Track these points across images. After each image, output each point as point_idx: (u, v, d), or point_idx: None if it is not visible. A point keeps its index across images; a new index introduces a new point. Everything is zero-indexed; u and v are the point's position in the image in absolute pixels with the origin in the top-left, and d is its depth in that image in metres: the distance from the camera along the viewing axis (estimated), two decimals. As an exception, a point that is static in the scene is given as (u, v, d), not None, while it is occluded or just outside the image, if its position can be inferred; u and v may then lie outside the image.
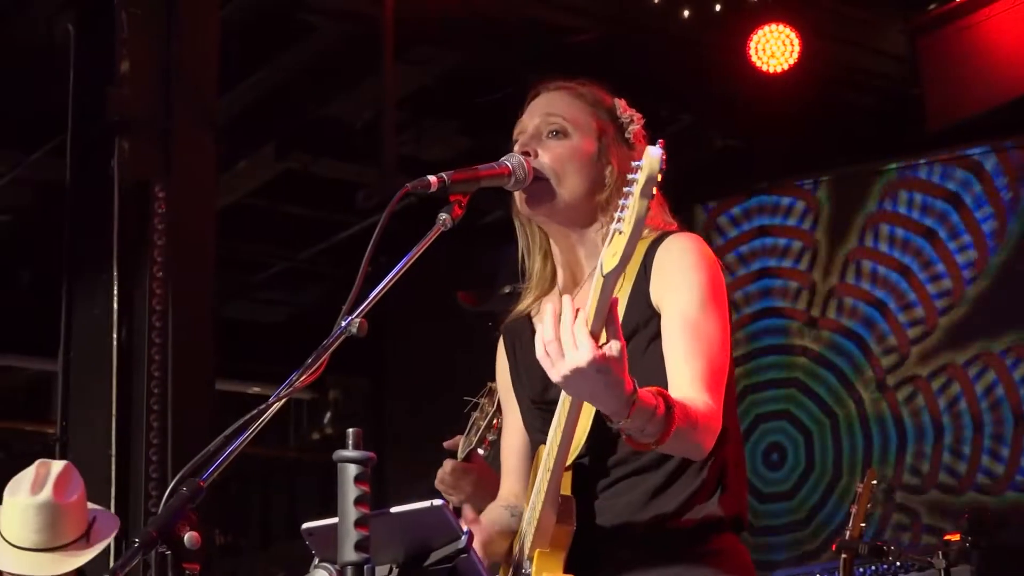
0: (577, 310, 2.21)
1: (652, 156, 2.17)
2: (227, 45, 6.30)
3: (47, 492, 3.94)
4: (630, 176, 2.19)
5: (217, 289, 5.93)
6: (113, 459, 5.22)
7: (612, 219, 2.53)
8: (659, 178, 2.17)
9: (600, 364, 2.17)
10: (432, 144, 7.99)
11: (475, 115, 7.68)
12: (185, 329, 5.36)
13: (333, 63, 7.30)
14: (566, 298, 2.24)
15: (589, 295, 2.25)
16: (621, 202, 2.20)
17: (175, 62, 5.56)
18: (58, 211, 5.77)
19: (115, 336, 5.30)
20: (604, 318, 2.23)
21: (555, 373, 2.21)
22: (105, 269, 5.35)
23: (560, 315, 2.21)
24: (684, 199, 7.40)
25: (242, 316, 10.28)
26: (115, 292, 5.32)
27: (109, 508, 5.20)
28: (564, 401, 2.43)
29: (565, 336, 2.19)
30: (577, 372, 2.18)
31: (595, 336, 2.23)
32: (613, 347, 2.19)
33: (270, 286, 10.19)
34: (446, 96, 7.67)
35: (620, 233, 2.19)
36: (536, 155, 2.66)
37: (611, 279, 2.22)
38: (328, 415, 11.07)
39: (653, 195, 2.17)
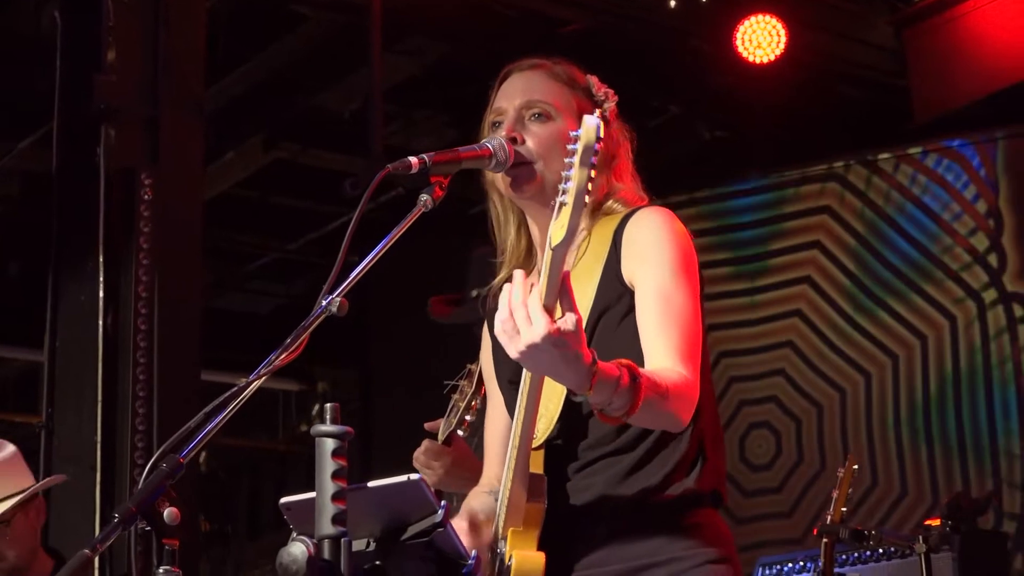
0: (532, 285, 2.23)
1: (588, 125, 2.19)
2: (215, 35, 6.31)
3: None
4: (569, 147, 2.21)
5: (206, 280, 5.94)
6: (99, 446, 5.23)
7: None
8: (597, 147, 2.19)
9: (555, 338, 2.18)
10: (421, 134, 8.01)
11: (463, 105, 7.69)
12: (171, 317, 5.37)
13: (322, 53, 7.31)
14: (518, 273, 2.25)
15: (541, 270, 2.27)
16: (564, 173, 2.22)
17: (162, 50, 5.56)
18: (45, 202, 5.77)
19: (101, 323, 5.30)
20: (557, 291, 2.24)
21: (512, 350, 2.23)
22: (91, 256, 5.35)
23: (513, 290, 2.22)
24: (672, 190, 7.41)
25: (231, 307, 10.29)
26: (101, 279, 5.33)
27: (95, 495, 5.23)
28: (526, 378, 2.44)
29: (518, 313, 2.20)
30: (532, 347, 2.19)
31: (549, 310, 2.24)
32: (568, 320, 2.20)
33: (259, 277, 10.20)
34: (435, 87, 7.68)
35: (565, 205, 2.21)
36: (523, 140, 2.66)
37: (560, 251, 2.23)
38: (316, 407, 11.08)
39: (592, 164, 2.19)
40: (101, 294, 5.31)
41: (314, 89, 7.67)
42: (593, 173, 2.19)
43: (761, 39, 6.99)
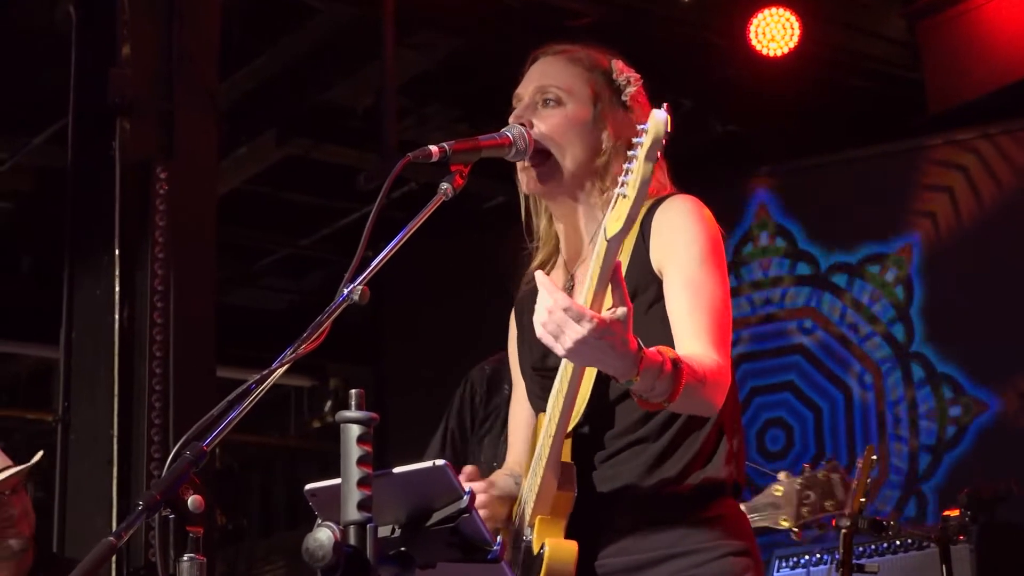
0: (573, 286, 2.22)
1: (657, 119, 2.18)
2: (229, 30, 6.31)
3: None
4: (635, 140, 2.19)
5: (219, 276, 5.94)
6: (115, 440, 5.23)
7: (608, 184, 2.55)
8: (664, 141, 2.18)
9: (603, 329, 2.18)
10: (433, 129, 8.00)
11: (476, 100, 7.69)
12: (186, 310, 5.37)
13: (335, 48, 7.31)
14: (540, 275, 2.26)
15: (591, 259, 2.27)
16: (626, 166, 2.21)
17: (177, 44, 5.57)
18: (59, 198, 5.78)
19: (117, 317, 5.31)
20: (608, 282, 2.24)
21: (559, 348, 2.23)
22: (107, 250, 5.36)
23: (542, 294, 2.22)
24: (684, 185, 7.39)
25: (244, 303, 10.29)
26: (116, 273, 5.33)
27: (111, 489, 5.24)
28: (565, 367, 2.45)
29: (557, 314, 2.19)
30: (580, 343, 2.19)
31: (600, 300, 2.24)
32: (619, 312, 2.20)
33: (271, 273, 10.21)
34: (447, 81, 7.68)
35: (624, 197, 2.21)
36: (532, 125, 2.66)
37: (615, 243, 2.23)
38: (329, 403, 11.09)
39: (658, 158, 2.19)
40: (117, 288, 5.32)
41: (327, 84, 7.67)
42: (654, 167, 2.18)
43: (774, 32, 6.98)
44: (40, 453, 4.30)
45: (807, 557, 5.35)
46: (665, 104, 2.23)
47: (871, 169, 7.63)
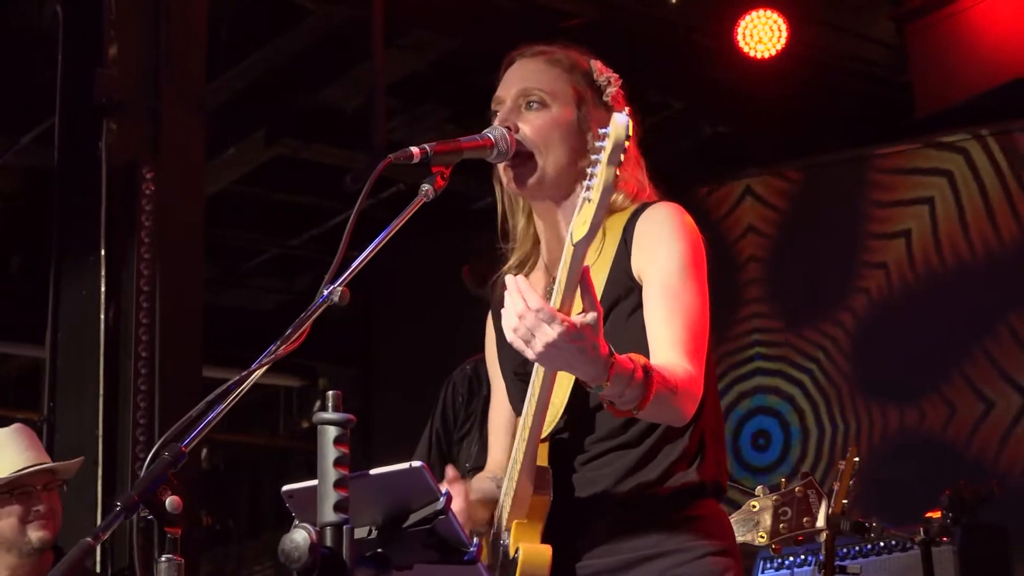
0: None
1: (619, 123, 2.19)
2: (217, 30, 6.30)
3: (14, 425, 4.08)
4: (598, 144, 2.20)
5: (209, 276, 5.93)
6: (100, 440, 5.23)
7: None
8: (626, 145, 2.19)
9: (573, 333, 2.18)
10: (423, 130, 8.00)
11: (466, 101, 7.70)
12: (173, 311, 5.36)
13: (324, 48, 7.31)
14: (510, 280, 2.26)
15: (559, 265, 2.27)
16: (589, 170, 2.21)
17: (164, 44, 5.56)
18: (47, 196, 5.78)
19: (102, 317, 5.30)
20: (576, 287, 2.25)
21: (530, 352, 2.23)
22: (93, 250, 5.35)
23: (514, 297, 2.23)
24: (673, 186, 7.39)
25: (233, 303, 10.29)
26: (103, 274, 5.33)
27: (96, 489, 5.24)
28: (538, 371, 2.45)
29: (528, 317, 2.20)
30: (551, 347, 2.20)
31: (569, 305, 2.25)
32: (589, 316, 2.21)
33: (261, 273, 10.20)
34: (438, 82, 7.68)
35: (589, 201, 2.21)
36: (517, 129, 2.66)
37: (581, 247, 2.24)
38: (317, 404, 11.07)
39: (620, 162, 2.19)
40: (103, 288, 5.30)
41: (316, 84, 7.66)
42: (618, 171, 2.19)
43: (762, 34, 6.99)
44: (81, 458, 4.32)
45: (791, 558, 5.37)
46: (627, 108, 2.23)
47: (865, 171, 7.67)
